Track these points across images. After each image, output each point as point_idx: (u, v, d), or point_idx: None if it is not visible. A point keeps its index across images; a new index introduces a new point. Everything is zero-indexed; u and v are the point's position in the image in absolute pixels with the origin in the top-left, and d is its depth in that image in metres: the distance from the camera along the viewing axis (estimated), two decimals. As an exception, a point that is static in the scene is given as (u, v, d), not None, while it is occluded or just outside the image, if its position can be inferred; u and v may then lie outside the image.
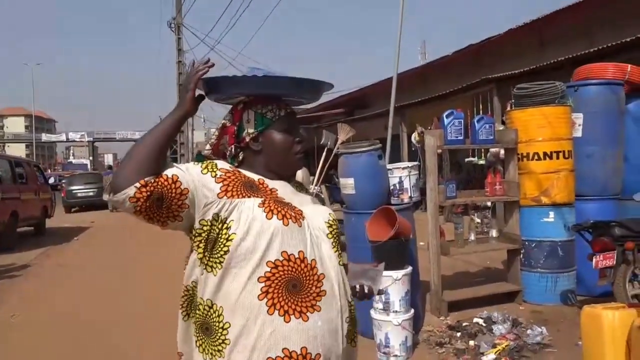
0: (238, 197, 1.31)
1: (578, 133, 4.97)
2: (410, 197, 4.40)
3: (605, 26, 8.09)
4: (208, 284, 1.31)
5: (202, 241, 1.31)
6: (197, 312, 1.34)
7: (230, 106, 1.50)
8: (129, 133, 59.35)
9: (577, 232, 4.24)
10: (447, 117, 4.59)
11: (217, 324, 1.30)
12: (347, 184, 4.28)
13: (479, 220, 8.81)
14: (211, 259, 1.31)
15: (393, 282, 3.76)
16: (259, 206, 1.31)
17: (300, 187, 1.55)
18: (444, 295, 4.67)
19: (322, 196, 7.75)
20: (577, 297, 4.85)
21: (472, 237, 4.98)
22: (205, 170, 1.33)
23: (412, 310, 3.81)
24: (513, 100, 5.18)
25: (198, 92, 1.36)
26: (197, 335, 1.35)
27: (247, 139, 1.42)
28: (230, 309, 1.29)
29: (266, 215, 1.30)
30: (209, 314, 1.31)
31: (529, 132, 4.80)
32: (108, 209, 17.10)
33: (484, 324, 4.23)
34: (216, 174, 1.33)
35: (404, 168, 4.39)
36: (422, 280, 4.57)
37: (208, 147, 1.48)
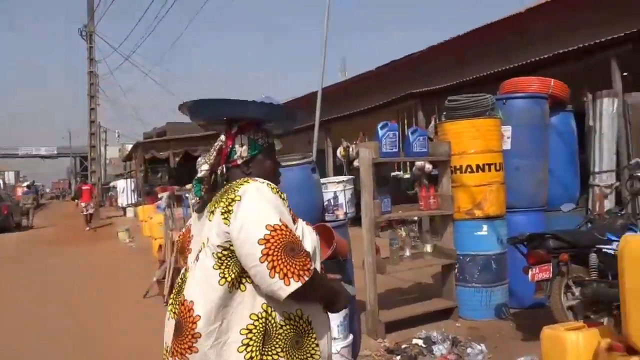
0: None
1: (507, 145, 4.98)
2: (346, 213, 4.15)
3: (519, 45, 8.44)
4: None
5: None
6: (282, 330, 1.44)
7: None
8: (33, 149, 55.23)
9: (513, 245, 4.18)
10: (381, 128, 4.41)
11: (307, 332, 1.48)
12: (279, 200, 3.96)
13: (404, 234, 8.81)
14: None
15: (331, 306, 3.45)
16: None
17: None
18: (381, 316, 4.45)
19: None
20: (510, 310, 4.82)
21: (407, 253, 4.81)
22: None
23: (351, 336, 3.53)
24: (444, 112, 5.12)
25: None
26: (276, 346, 1.43)
27: (239, 162, 1.59)
28: (314, 315, 1.49)
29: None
30: (299, 324, 1.47)
31: (462, 144, 4.73)
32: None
33: (423, 345, 4.03)
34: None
35: (338, 182, 4.14)
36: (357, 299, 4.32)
37: (206, 167, 1.56)
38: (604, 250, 4.24)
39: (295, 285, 1.34)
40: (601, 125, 5.88)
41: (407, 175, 9.54)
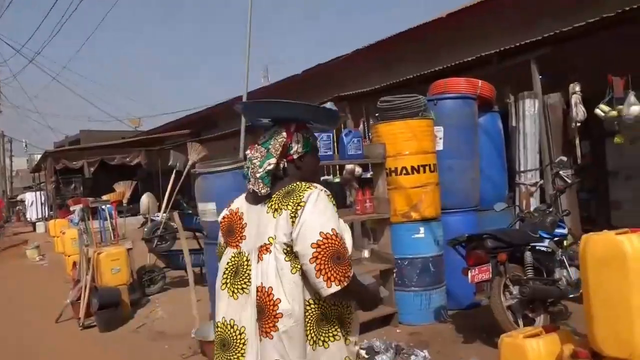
0: None
1: (440, 146, 4.96)
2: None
3: (443, 48, 8.60)
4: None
5: None
6: (333, 311, 1.72)
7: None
8: None
9: (453, 246, 4.12)
10: (315, 130, 4.20)
11: (349, 312, 1.77)
12: (208, 210, 3.62)
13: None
14: None
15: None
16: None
17: None
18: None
19: (173, 224, 6.86)
20: (449, 312, 4.79)
21: (345, 259, 4.63)
22: None
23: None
24: (377, 114, 5.02)
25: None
26: (335, 329, 1.72)
27: (295, 156, 1.78)
28: (350, 303, 1.78)
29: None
30: (344, 306, 1.75)
31: (396, 145, 4.64)
32: None
33: (366, 356, 3.85)
34: None
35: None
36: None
37: (274, 160, 1.75)
38: (537, 247, 4.30)
39: (335, 288, 1.60)
40: (524, 125, 6.05)
41: (338, 179, 9.42)
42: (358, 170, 8.81)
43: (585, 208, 7.06)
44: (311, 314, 1.68)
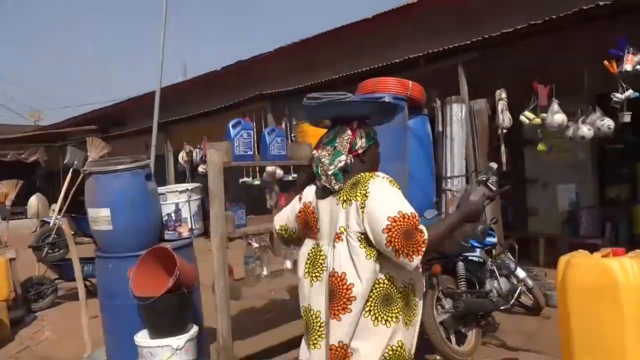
0: None
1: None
2: (192, 229, 3.35)
3: (369, 49, 8.39)
4: (405, 269, 1.77)
5: None
6: (400, 294, 1.82)
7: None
8: None
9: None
10: (233, 127, 3.70)
11: (413, 295, 1.87)
12: (100, 217, 3.00)
13: (256, 245, 8.15)
14: None
15: (173, 354, 2.65)
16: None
17: None
18: (235, 349, 3.70)
19: (64, 230, 6.01)
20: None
21: (265, 271, 4.15)
22: None
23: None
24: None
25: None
26: (397, 309, 1.81)
27: (360, 151, 1.95)
28: (417, 282, 1.89)
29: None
30: (409, 289, 1.85)
31: (324, 146, 4.24)
32: None
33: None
34: None
35: (181, 192, 3.33)
36: (205, 326, 3.57)
37: (343, 157, 1.90)
38: (469, 258, 4.09)
39: (417, 259, 1.70)
40: (451, 130, 5.92)
41: (257, 182, 8.90)
42: (279, 172, 8.36)
43: (503, 214, 7.11)
44: (378, 292, 1.79)
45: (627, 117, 4.91)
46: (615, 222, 6.70)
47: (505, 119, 5.74)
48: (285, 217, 2.24)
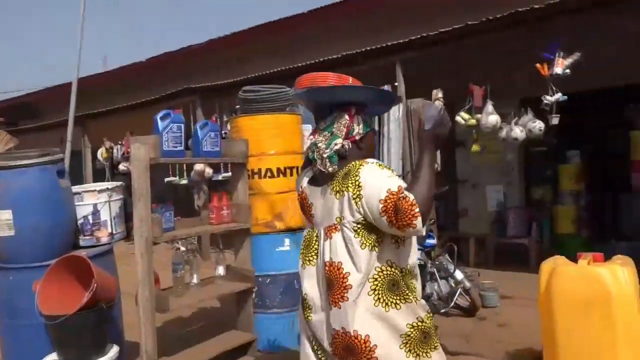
0: None
1: (307, 146, 4.41)
2: (112, 234, 2.96)
3: (305, 44, 8.18)
4: (404, 254, 1.88)
5: None
6: (404, 279, 1.87)
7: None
8: None
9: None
10: (162, 119, 3.34)
11: (414, 279, 1.93)
12: (1, 221, 2.55)
13: (183, 248, 7.70)
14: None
15: (89, 380, 2.28)
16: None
17: None
18: (162, 366, 3.36)
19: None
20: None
21: (195, 279, 3.82)
22: None
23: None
24: (238, 106, 4.31)
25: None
26: (402, 293, 1.85)
27: (357, 137, 1.97)
28: (415, 267, 1.94)
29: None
30: (411, 274, 1.91)
31: (261, 143, 3.97)
32: None
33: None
34: None
35: (100, 191, 2.94)
36: (126, 340, 3.21)
37: (339, 141, 1.92)
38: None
39: (418, 221, 1.67)
40: (389, 129, 5.84)
41: (185, 181, 8.41)
42: (208, 171, 7.95)
43: (435, 215, 7.18)
44: (382, 281, 1.84)
45: (555, 120, 5.04)
46: (540, 222, 6.95)
47: (441, 119, 5.72)
48: (296, 188, 2.27)
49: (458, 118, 5.58)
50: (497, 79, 5.53)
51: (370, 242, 1.83)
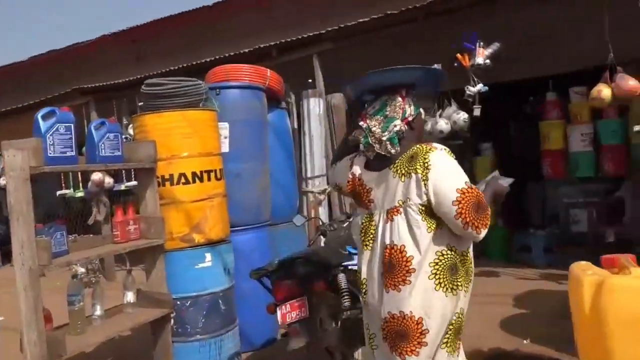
0: None
1: (225, 147, 3.92)
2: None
3: (210, 39, 7.57)
4: (463, 238, 1.91)
5: None
6: (463, 263, 1.93)
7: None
8: None
9: (258, 279, 3.10)
10: (44, 118, 2.69)
11: (470, 267, 1.97)
12: None
13: (82, 270, 6.81)
14: None
15: None
16: None
17: None
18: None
19: None
20: (242, 355, 3.79)
21: (99, 310, 3.16)
22: None
23: None
24: (142, 103, 3.71)
25: None
26: (460, 278, 1.92)
27: (410, 118, 2.01)
28: (471, 256, 1.99)
29: None
30: (466, 259, 1.95)
31: (171, 145, 3.41)
32: None
33: None
34: None
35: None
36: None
37: (398, 122, 1.96)
38: (349, 267, 3.60)
39: (484, 232, 1.84)
40: (309, 126, 5.47)
41: (80, 194, 7.44)
42: (109, 180, 7.06)
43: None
44: (445, 264, 1.87)
45: (477, 111, 4.96)
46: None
47: (363, 114, 5.46)
48: (337, 177, 2.24)
49: (381, 112, 5.33)
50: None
51: (433, 224, 1.86)
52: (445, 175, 1.82)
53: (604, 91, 4.23)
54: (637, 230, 5.66)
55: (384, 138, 1.93)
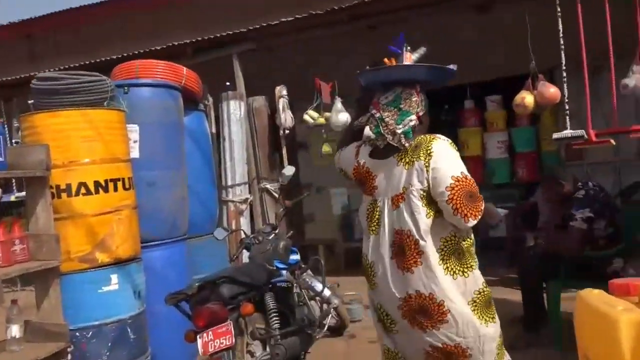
0: None
1: (135, 152, 3.46)
2: None
3: (112, 36, 6.93)
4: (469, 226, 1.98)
5: None
6: (466, 247, 2.04)
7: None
8: None
9: (175, 304, 2.68)
10: None
11: (473, 246, 2.08)
12: None
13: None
14: None
15: None
16: None
17: None
18: None
19: None
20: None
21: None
22: None
23: None
24: (32, 101, 3.16)
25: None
26: (467, 260, 2.05)
27: (421, 113, 2.09)
28: (472, 237, 2.09)
29: None
30: (470, 244, 2.06)
31: (70, 149, 2.92)
32: None
33: None
34: None
35: None
36: None
37: (414, 117, 2.06)
38: (277, 285, 3.29)
39: (472, 222, 1.93)
40: (230, 131, 5.10)
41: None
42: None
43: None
44: (449, 249, 1.98)
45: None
46: (384, 223, 6.87)
47: (287, 118, 5.18)
48: (343, 162, 2.33)
49: (306, 117, 5.10)
50: (346, 73, 5.18)
51: (432, 211, 1.95)
52: (444, 162, 1.93)
53: (527, 98, 4.26)
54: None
55: (399, 131, 2.00)
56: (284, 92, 5.19)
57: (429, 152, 1.95)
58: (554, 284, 3.61)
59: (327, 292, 3.89)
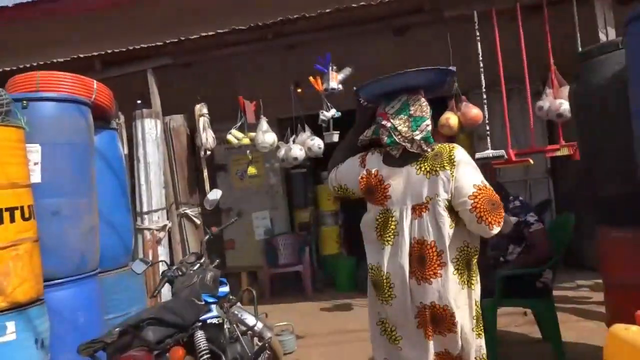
0: None
1: (37, 176, 2.99)
2: None
3: (9, 49, 6.22)
4: (473, 233, 2.01)
5: None
6: (474, 258, 2.04)
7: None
8: None
9: (91, 355, 2.27)
10: None
11: (475, 261, 2.07)
12: None
13: None
14: None
15: None
16: None
17: None
18: None
19: None
20: None
21: None
22: None
23: None
24: None
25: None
26: (474, 272, 2.05)
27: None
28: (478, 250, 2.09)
29: None
30: (476, 255, 2.06)
31: (-47, 173, 2.43)
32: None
33: None
34: None
35: None
36: None
37: (429, 122, 2.06)
38: (208, 321, 2.96)
39: (496, 229, 1.94)
40: (145, 152, 4.67)
41: None
42: None
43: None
44: (463, 259, 2.00)
45: (335, 137, 4.74)
46: (310, 246, 6.68)
47: (208, 138, 4.87)
48: (344, 177, 2.25)
49: (230, 137, 4.82)
50: (271, 92, 4.99)
51: (453, 221, 1.97)
52: (466, 170, 1.96)
53: (451, 119, 4.34)
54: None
55: (417, 137, 1.99)
56: (205, 111, 4.89)
57: (452, 161, 1.95)
58: (490, 303, 3.57)
59: (259, 325, 3.62)
